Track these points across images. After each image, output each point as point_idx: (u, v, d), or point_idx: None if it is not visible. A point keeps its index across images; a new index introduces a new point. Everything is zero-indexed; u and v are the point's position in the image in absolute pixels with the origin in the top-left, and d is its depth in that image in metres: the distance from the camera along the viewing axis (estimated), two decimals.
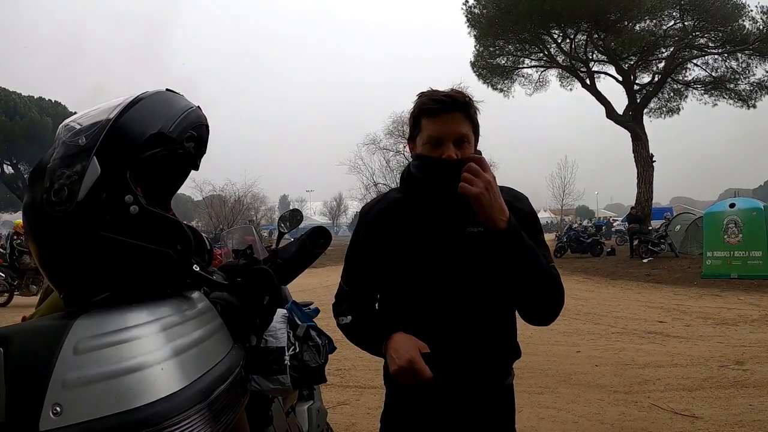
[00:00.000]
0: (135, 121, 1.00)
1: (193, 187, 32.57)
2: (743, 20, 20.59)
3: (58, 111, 37.85)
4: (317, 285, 13.24)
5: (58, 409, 0.76)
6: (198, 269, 1.07)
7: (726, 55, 21.76)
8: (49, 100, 39.25)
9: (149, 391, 0.81)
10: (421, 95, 1.58)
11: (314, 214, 66.79)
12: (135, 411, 0.78)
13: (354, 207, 50.65)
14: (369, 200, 1.82)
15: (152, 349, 0.85)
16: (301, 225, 2.10)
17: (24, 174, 38.99)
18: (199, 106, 1.16)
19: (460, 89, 1.59)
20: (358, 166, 36.60)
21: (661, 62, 22.99)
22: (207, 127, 1.17)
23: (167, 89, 1.15)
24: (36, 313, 1.47)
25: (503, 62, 25.18)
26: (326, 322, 1.77)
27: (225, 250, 2.78)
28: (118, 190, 0.95)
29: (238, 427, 1.07)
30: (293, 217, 2.08)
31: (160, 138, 1.00)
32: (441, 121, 1.52)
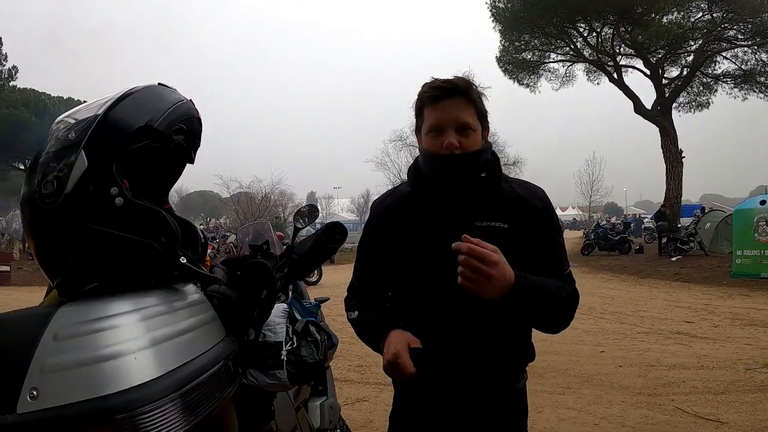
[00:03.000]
0: (123, 114, 1.02)
1: (220, 184, 32.92)
2: None
3: None
4: (342, 281, 13.30)
5: (34, 393, 0.78)
6: (185, 261, 1.07)
7: (756, 47, 21.21)
8: (78, 100, 39.88)
9: (122, 378, 0.82)
10: (423, 85, 1.54)
11: (341, 211, 67.05)
12: (107, 398, 0.79)
13: None
14: (376, 198, 1.80)
15: (129, 338, 0.86)
16: (327, 221, 2.09)
17: None
18: (191, 100, 1.17)
19: (463, 76, 1.55)
20: (384, 163, 36.66)
21: (689, 55, 22.57)
22: (199, 120, 1.17)
23: (159, 83, 1.16)
24: (41, 305, 1.50)
25: (529, 57, 24.98)
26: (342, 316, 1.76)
27: (243, 246, 2.79)
28: (105, 182, 0.97)
29: (225, 420, 1.07)
30: (310, 212, 2.08)
31: (147, 131, 1.02)
32: (441, 108, 1.48)
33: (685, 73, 22.86)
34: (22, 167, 31.52)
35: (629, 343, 6.99)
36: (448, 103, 1.48)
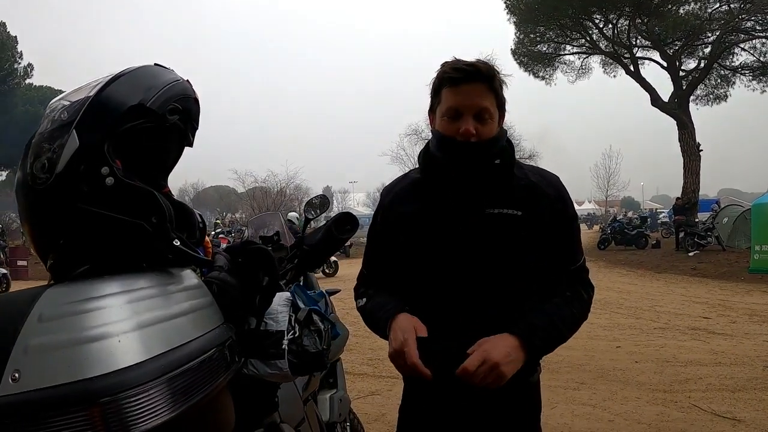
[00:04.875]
0: (116, 93, 1.00)
1: (236, 179, 33.13)
2: None
3: None
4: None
5: (16, 375, 0.76)
6: (179, 244, 1.05)
7: None
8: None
9: (106, 361, 0.80)
10: (444, 64, 1.48)
11: (357, 205, 67.06)
12: (90, 381, 0.77)
13: None
14: (387, 184, 1.76)
15: (115, 319, 0.84)
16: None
17: None
18: (188, 80, 1.15)
19: (486, 60, 1.49)
20: (400, 157, 36.60)
21: (706, 47, 22.29)
22: (196, 100, 1.15)
23: (155, 63, 1.14)
24: None
25: (544, 49, 24.82)
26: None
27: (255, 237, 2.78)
28: (96, 162, 0.95)
29: (219, 408, 1.05)
30: (322, 203, 2.06)
31: (140, 110, 1.00)
32: (462, 92, 1.42)
33: (702, 65, 22.58)
34: None
35: (645, 338, 6.91)
36: (468, 88, 1.42)
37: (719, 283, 12.44)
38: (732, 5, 20.75)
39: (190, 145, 1.17)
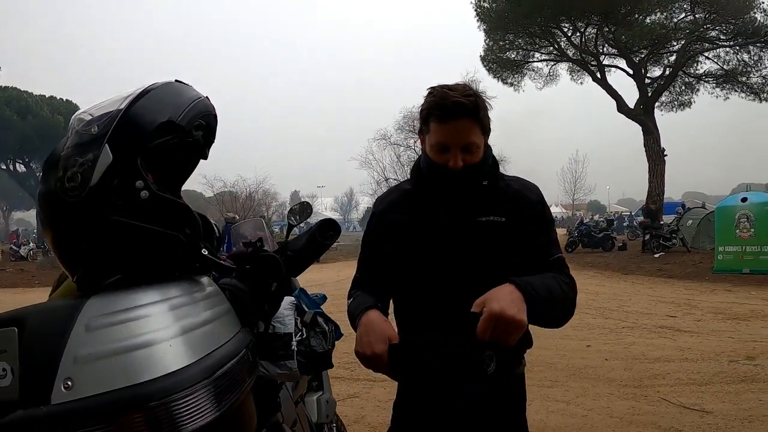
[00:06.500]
0: (145, 110, 1.03)
1: (204, 183, 32.62)
2: (755, 12, 20.47)
3: (70, 109, 37.76)
4: (327, 280, 13.31)
5: (69, 383, 0.79)
6: (207, 253, 1.10)
7: (738, 47, 21.56)
8: (61, 98, 39.43)
9: (157, 366, 0.83)
10: (431, 94, 1.53)
11: (325, 210, 66.86)
12: (142, 385, 0.81)
13: (365, 202, 50.53)
14: (380, 194, 1.85)
15: (161, 326, 0.88)
16: (312, 221, 2.13)
17: (36, 172, 39.34)
18: (207, 97, 1.19)
19: (471, 86, 1.57)
20: (369, 161, 36.51)
21: (672, 55, 22.87)
22: (215, 116, 1.19)
23: (176, 80, 1.18)
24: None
25: (513, 56, 25.12)
26: (335, 313, 1.80)
27: (237, 244, 2.80)
28: (130, 176, 0.98)
29: (244, 409, 1.09)
30: (303, 209, 2.10)
31: (170, 126, 1.04)
32: (448, 128, 1.49)
33: (667, 72, 23.12)
34: (3, 166, 31.04)
35: (614, 337, 7.08)
36: (456, 124, 1.49)
37: (684, 283, 12.78)
38: (697, 15, 21.32)
39: (205, 158, 1.21)
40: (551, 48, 24.38)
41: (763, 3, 20.14)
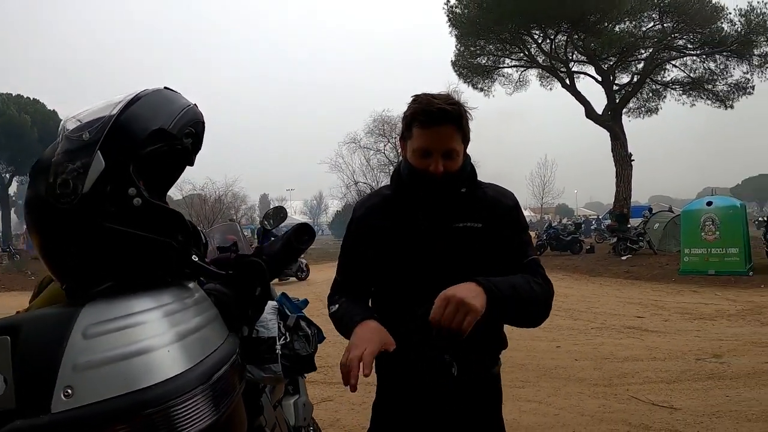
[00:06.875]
0: (137, 117, 1.03)
1: (173, 186, 32.14)
2: (721, 22, 21.02)
3: (37, 108, 36.99)
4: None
5: (69, 391, 0.80)
6: (197, 259, 1.11)
7: (704, 56, 22.17)
8: (28, 97, 38.44)
9: (155, 372, 0.85)
10: (416, 101, 1.57)
11: (295, 214, 66.38)
12: (143, 391, 0.82)
13: (334, 206, 50.08)
14: (349, 199, 1.86)
15: (158, 333, 0.89)
16: (282, 224, 2.12)
17: (2, 173, 38.29)
18: (195, 104, 1.20)
19: (454, 96, 1.62)
20: (338, 165, 36.37)
21: (640, 63, 23.32)
22: (203, 124, 1.20)
23: (165, 87, 1.18)
24: (31, 307, 1.49)
25: (484, 62, 25.30)
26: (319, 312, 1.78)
27: (210, 248, 2.77)
28: (122, 183, 0.98)
29: (237, 414, 1.10)
30: (277, 214, 2.10)
31: (162, 134, 1.04)
32: (430, 134, 1.54)
33: (635, 79, 23.57)
34: None
35: (584, 338, 7.21)
36: (439, 130, 1.53)
37: (651, 285, 13.09)
38: (665, 24, 21.80)
39: (191, 164, 1.22)
40: (521, 54, 24.65)
41: (729, 13, 20.79)
